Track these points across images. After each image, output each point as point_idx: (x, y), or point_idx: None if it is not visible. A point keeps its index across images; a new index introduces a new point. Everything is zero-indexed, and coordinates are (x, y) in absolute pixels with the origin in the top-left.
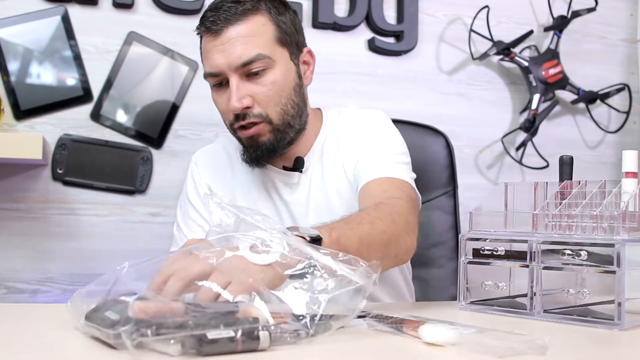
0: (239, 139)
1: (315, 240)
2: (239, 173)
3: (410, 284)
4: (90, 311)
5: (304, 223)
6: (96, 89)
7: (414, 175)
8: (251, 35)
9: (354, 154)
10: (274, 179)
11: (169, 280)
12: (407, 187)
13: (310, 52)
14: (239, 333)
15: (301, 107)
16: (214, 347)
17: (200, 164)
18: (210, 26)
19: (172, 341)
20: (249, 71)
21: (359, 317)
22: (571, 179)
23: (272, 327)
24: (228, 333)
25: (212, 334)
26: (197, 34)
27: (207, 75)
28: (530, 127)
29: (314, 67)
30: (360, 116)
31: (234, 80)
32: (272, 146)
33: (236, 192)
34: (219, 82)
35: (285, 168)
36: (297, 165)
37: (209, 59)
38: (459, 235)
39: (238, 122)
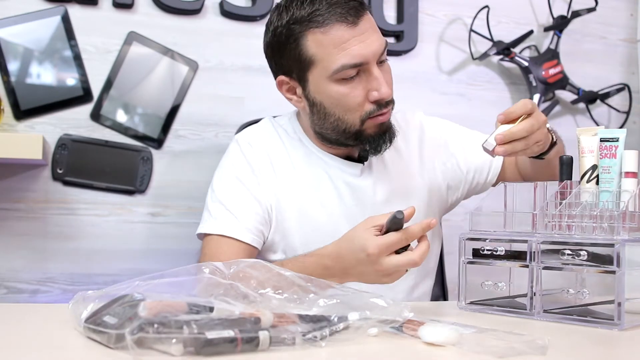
0: (359, 132)
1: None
2: (294, 155)
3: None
4: (90, 315)
5: (373, 209)
6: (96, 89)
7: None
8: (376, 25)
9: (446, 149)
10: (336, 167)
11: None
12: None
13: None
14: (239, 334)
15: None
16: (213, 347)
17: (255, 144)
18: (346, 15)
19: (173, 341)
20: (380, 59)
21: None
22: (571, 179)
23: (273, 329)
24: (228, 334)
25: (211, 335)
26: (298, 26)
27: (345, 68)
28: None
29: None
30: (430, 119)
31: (376, 68)
32: (392, 132)
33: (294, 175)
34: (355, 73)
35: (348, 158)
36: (362, 157)
37: (348, 49)
38: (459, 235)
39: (380, 109)
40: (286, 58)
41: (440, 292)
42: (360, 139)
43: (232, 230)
